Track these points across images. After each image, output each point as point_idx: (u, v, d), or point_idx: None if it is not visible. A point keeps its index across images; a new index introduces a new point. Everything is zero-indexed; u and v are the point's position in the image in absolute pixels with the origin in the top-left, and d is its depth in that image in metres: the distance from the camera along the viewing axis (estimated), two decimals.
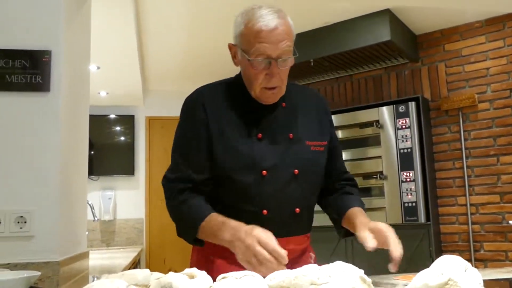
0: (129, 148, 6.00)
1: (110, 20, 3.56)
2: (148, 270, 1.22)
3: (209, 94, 1.58)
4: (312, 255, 1.67)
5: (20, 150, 1.78)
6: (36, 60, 1.82)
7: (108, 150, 5.94)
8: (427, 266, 1.06)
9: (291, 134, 1.55)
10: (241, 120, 1.54)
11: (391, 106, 4.22)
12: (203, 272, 1.15)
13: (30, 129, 1.80)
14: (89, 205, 5.03)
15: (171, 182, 1.55)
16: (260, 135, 1.52)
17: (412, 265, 3.84)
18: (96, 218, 5.49)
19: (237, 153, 1.50)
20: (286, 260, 1.23)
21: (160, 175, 5.70)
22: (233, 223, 1.39)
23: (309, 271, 1.12)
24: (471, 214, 4.11)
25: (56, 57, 1.86)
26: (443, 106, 4.28)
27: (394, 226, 4.49)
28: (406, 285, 1.24)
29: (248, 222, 1.38)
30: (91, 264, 2.56)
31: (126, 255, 4.09)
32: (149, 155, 6.08)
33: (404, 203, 4.06)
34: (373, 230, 1.39)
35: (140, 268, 5.51)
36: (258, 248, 1.25)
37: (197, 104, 1.55)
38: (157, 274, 1.21)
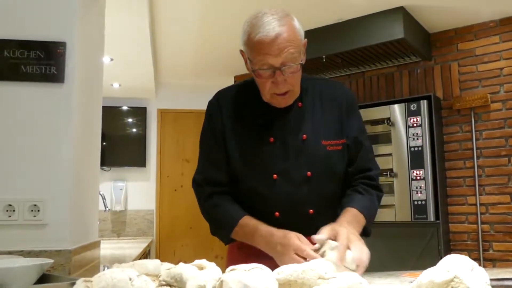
0: (141, 140, 6.04)
1: (124, 12, 3.58)
2: (158, 260, 1.24)
3: (227, 97, 1.63)
4: None
5: (34, 139, 1.80)
6: (50, 51, 1.85)
7: (120, 141, 5.98)
8: (435, 264, 1.07)
9: (304, 135, 1.54)
10: (254, 124, 1.56)
11: (403, 104, 4.21)
12: (213, 264, 1.17)
13: (44, 119, 1.82)
14: (101, 195, 5.08)
15: (199, 186, 1.63)
16: (272, 138, 1.54)
17: (421, 263, 3.87)
18: (107, 209, 5.54)
19: (248, 157, 1.55)
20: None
21: (171, 167, 5.79)
22: (263, 230, 1.45)
23: (317, 265, 1.13)
24: (481, 213, 4.10)
25: (70, 48, 1.88)
26: (455, 105, 4.27)
27: (403, 224, 4.48)
28: (412, 282, 1.25)
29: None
30: (101, 254, 2.60)
31: (137, 246, 4.13)
32: (160, 147, 6.12)
33: (413, 201, 4.05)
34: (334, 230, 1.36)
35: (150, 259, 5.56)
36: (298, 259, 1.32)
37: (215, 108, 1.62)
38: (167, 265, 1.23)
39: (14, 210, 1.73)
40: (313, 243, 1.39)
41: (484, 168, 4.13)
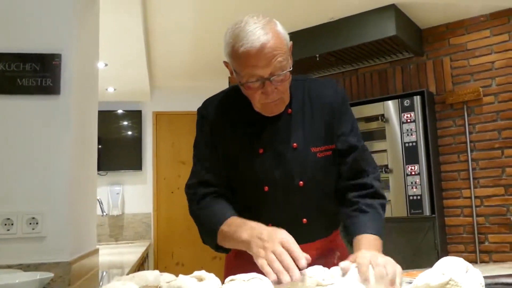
0: (137, 143, 6.04)
1: (117, 17, 3.58)
2: (157, 271, 1.26)
3: (214, 107, 1.57)
4: (338, 253, 1.64)
5: (31, 152, 1.81)
6: (46, 64, 1.85)
7: (116, 145, 5.98)
8: (432, 258, 1.08)
9: (295, 144, 1.49)
10: (243, 135, 1.52)
11: (396, 100, 4.23)
12: (212, 275, 1.18)
13: (41, 131, 1.83)
14: (98, 200, 5.08)
15: (193, 188, 1.56)
16: (261, 150, 1.49)
17: (418, 258, 3.91)
18: (104, 213, 5.54)
19: (238, 169, 1.52)
20: (304, 267, 1.15)
21: (167, 170, 5.80)
22: (253, 223, 1.34)
23: (315, 272, 1.15)
24: (476, 206, 4.13)
25: (66, 60, 1.89)
26: (448, 100, 4.29)
27: (400, 219, 4.53)
28: (409, 282, 1.27)
29: None
30: (100, 260, 2.60)
31: (135, 250, 4.13)
32: (156, 150, 6.12)
33: (409, 196, 4.08)
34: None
35: (148, 262, 5.57)
36: (280, 249, 1.18)
37: (204, 117, 1.58)
38: (166, 277, 1.25)
39: (12, 224, 1.74)
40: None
41: (478, 161, 4.16)
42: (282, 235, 1.22)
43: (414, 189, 4.06)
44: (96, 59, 2.54)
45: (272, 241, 1.21)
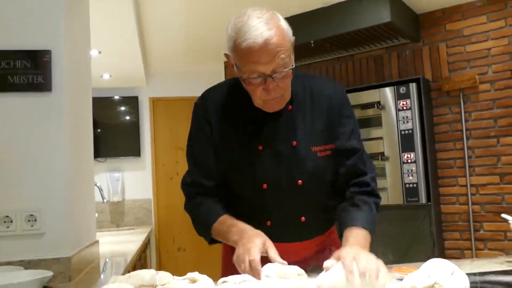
0: (135, 130, 6.04)
1: (108, 4, 3.54)
2: (153, 270, 1.29)
3: (213, 101, 1.56)
4: (334, 249, 1.68)
5: (26, 150, 1.83)
6: (37, 60, 1.85)
7: (114, 131, 5.98)
8: (428, 245, 1.10)
9: (294, 142, 1.49)
10: (242, 131, 1.51)
11: (392, 87, 4.23)
12: (204, 276, 1.22)
13: (35, 129, 1.84)
14: (98, 187, 5.09)
15: (187, 186, 1.63)
16: (261, 147, 1.49)
17: (414, 245, 3.95)
18: (105, 200, 5.55)
19: (237, 166, 1.52)
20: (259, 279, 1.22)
21: (165, 156, 5.84)
22: (240, 226, 1.43)
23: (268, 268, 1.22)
24: (472, 194, 4.16)
25: (56, 56, 1.89)
26: (444, 87, 4.29)
27: (396, 207, 4.54)
28: (399, 279, 1.30)
29: None
30: (103, 248, 2.63)
31: (136, 238, 4.16)
32: (154, 136, 6.13)
33: (405, 184, 4.11)
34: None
35: (150, 248, 5.62)
36: (244, 259, 1.29)
37: (202, 112, 1.56)
38: (162, 276, 1.28)
39: (11, 221, 1.77)
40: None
41: (474, 149, 4.18)
42: (254, 244, 1.31)
43: (410, 177, 4.09)
44: (88, 52, 2.54)
45: (246, 251, 1.30)
